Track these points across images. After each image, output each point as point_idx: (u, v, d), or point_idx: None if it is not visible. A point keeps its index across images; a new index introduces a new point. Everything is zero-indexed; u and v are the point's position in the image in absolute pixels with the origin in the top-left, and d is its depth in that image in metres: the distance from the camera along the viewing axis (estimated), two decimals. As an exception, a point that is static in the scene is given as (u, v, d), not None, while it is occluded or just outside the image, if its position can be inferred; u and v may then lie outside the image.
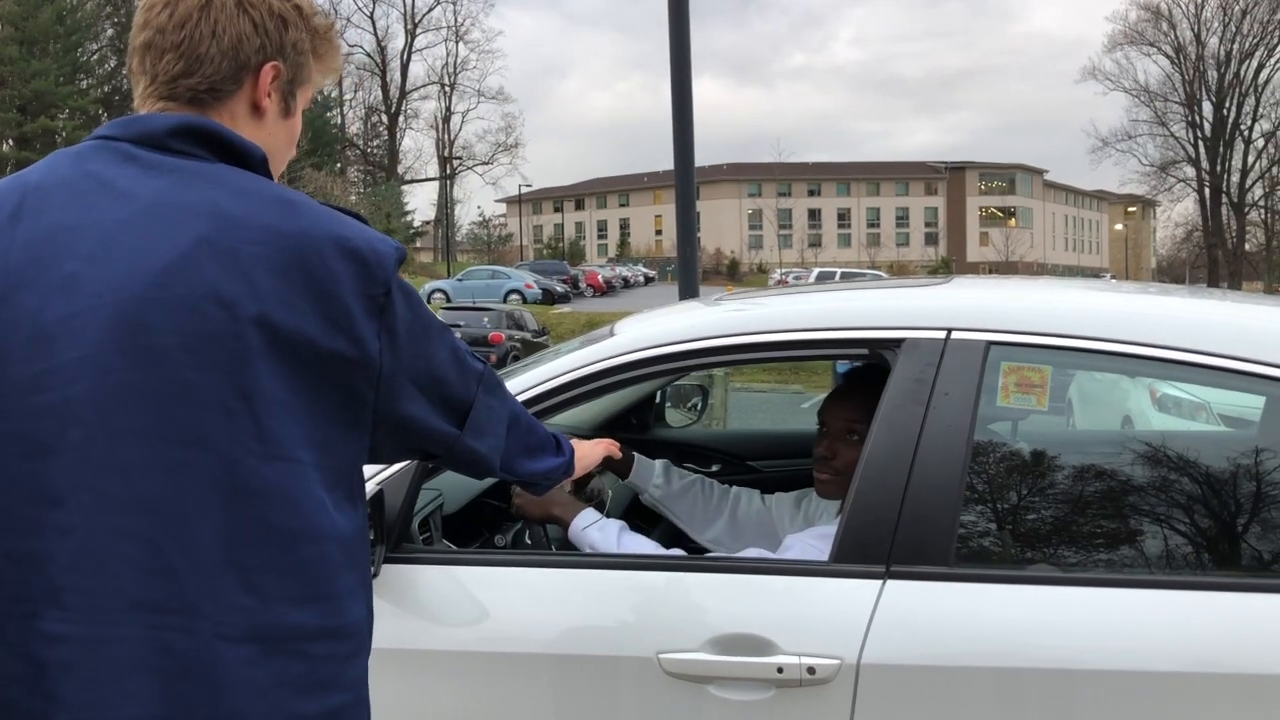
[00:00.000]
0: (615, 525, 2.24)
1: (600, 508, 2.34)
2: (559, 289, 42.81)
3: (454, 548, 2.29)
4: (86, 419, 1.15)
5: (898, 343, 1.98)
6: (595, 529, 2.21)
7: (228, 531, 1.17)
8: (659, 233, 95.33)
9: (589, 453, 2.00)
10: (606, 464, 2.73)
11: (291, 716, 1.20)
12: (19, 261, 1.19)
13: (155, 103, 1.31)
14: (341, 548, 1.25)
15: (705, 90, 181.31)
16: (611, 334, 2.25)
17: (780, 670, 1.79)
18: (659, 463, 2.68)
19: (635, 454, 2.71)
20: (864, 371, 2.45)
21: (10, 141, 63.68)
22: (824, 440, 2.38)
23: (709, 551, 2.55)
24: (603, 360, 2.10)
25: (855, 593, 1.83)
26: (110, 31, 70.91)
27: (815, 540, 2.10)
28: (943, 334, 1.96)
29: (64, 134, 63.23)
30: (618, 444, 2.29)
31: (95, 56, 71.05)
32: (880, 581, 1.83)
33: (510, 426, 1.51)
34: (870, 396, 2.00)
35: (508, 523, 2.47)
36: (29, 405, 1.16)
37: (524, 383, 2.09)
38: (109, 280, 1.17)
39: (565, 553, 2.24)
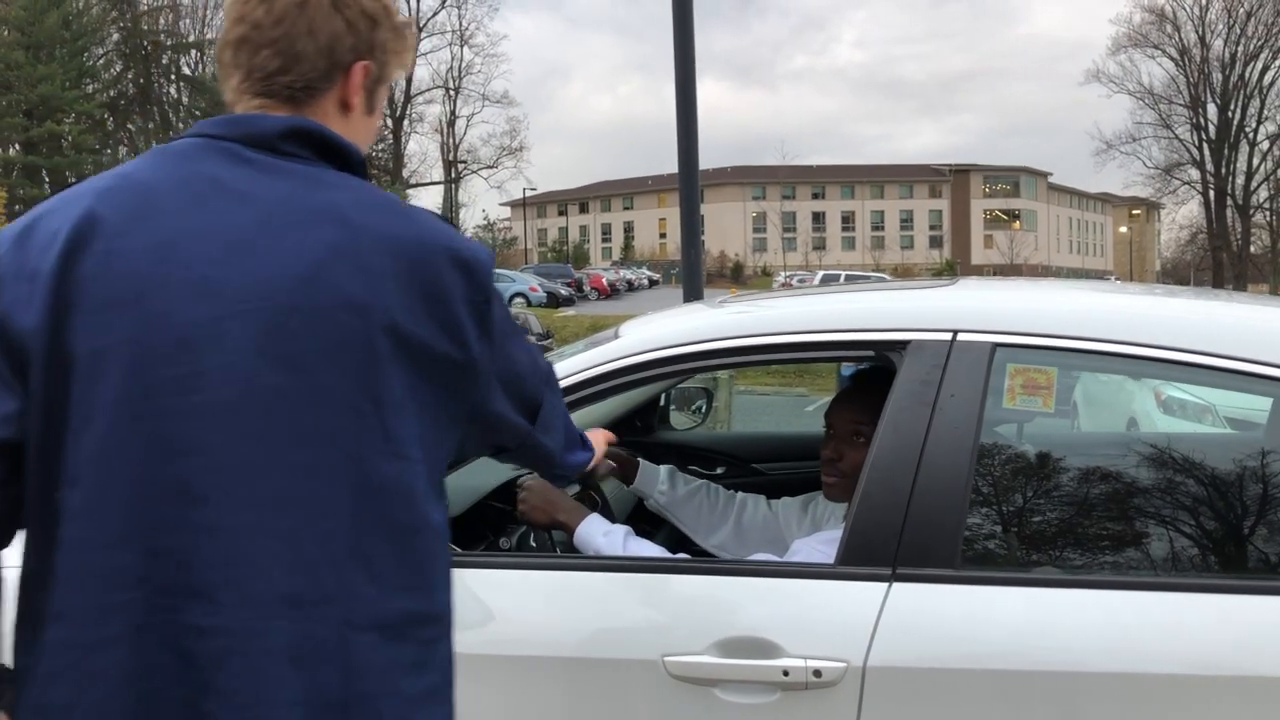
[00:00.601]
0: (621, 530, 2.23)
1: (599, 504, 2.35)
2: (563, 292, 42.77)
3: (458, 550, 2.28)
4: (230, 421, 1.19)
5: (903, 344, 1.97)
6: (600, 533, 2.21)
7: (355, 526, 1.23)
8: (663, 235, 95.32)
9: (597, 443, 2.06)
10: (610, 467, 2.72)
11: (402, 697, 1.27)
12: (148, 264, 1.21)
13: (251, 99, 1.33)
14: (439, 538, 1.33)
15: (707, 93, 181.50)
16: (616, 336, 2.25)
17: (786, 673, 1.79)
18: (664, 468, 2.68)
19: (640, 459, 2.70)
20: (871, 373, 2.44)
21: (17, 146, 63.82)
22: (830, 442, 2.37)
23: (713, 556, 2.54)
24: (608, 362, 2.09)
25: (861, 595, 1.83)
26: (116, 36, 71.13)
27: (822, 545, 2.09)
28: (948, 335, 1.96)
29: (70, 138, 63.36)
30: (610, 433, 2.34)
31: (101, 61, 71.20)
32: (886, 584, 1.83)
33: (565, 422, 1.63)
34: (877, 398, 2.00)
35: (512, 525, 2.46)
36: (172, 407, 1.19)
37: (529, 385, 2.08)
38: (247, 286, 1.21)
39: (570, 555, 2.24)
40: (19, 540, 1.28)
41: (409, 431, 1.27)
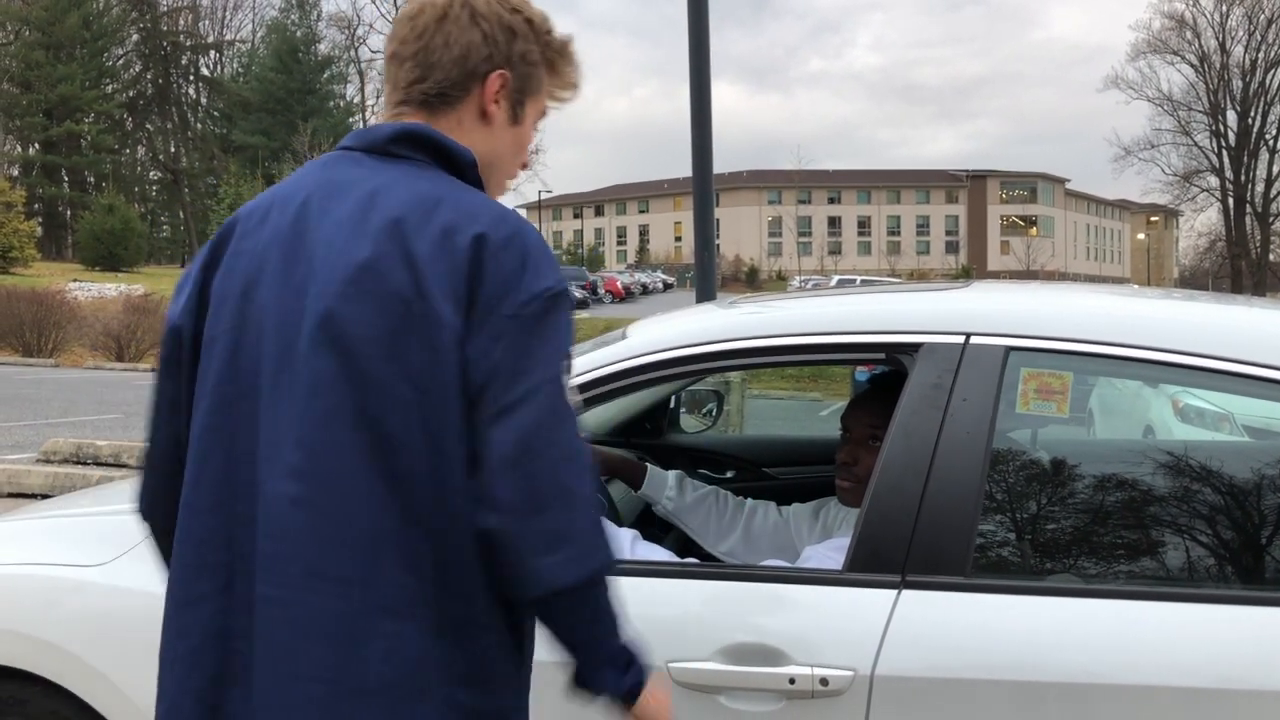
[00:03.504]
0: (628, 534, 2.21)
1: (605, 507, 2.30)
2: (578, 295, 42.82)
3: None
4: (287, 401, 1.27)
5: (915, 347, 1.94)
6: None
7: (388, 512, 1.25)
8: (678, 239, 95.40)
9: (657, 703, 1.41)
10: (618, 474, 2.70)
11: (447, 701, 1.26)
12: (258, 261, 1.34)
13: (393, 109, 1.44)
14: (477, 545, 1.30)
15: (723, 96, 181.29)
16: (624, 337, 2.22)
17: (792, 681, 1.76)
18: (672, 474, 2.65)
19: (649, 464, 2.67)
20: (889, 377, 2.41)
21: (37, 145, 64.30)
22: (846, 446, 2.34)
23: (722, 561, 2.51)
24: (615, 363, 2.07)
25: (870, 602, 1.80)
26: (136, 37, 71.59)
27: (833, 552, 2.06)
28: (961, 339, 1.92)
29: (89, 137, 63.83)
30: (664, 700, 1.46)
31: (121, 61, 71.73)
32: (895, 591, 1.80)
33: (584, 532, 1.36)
34: (894, 403, 1.97)
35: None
36: (251, 387, 1.31)
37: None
38: (318, 277, 1.29)
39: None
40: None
41: (452, 424, 1.26)
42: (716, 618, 1.86)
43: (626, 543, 2.17)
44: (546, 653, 1.35)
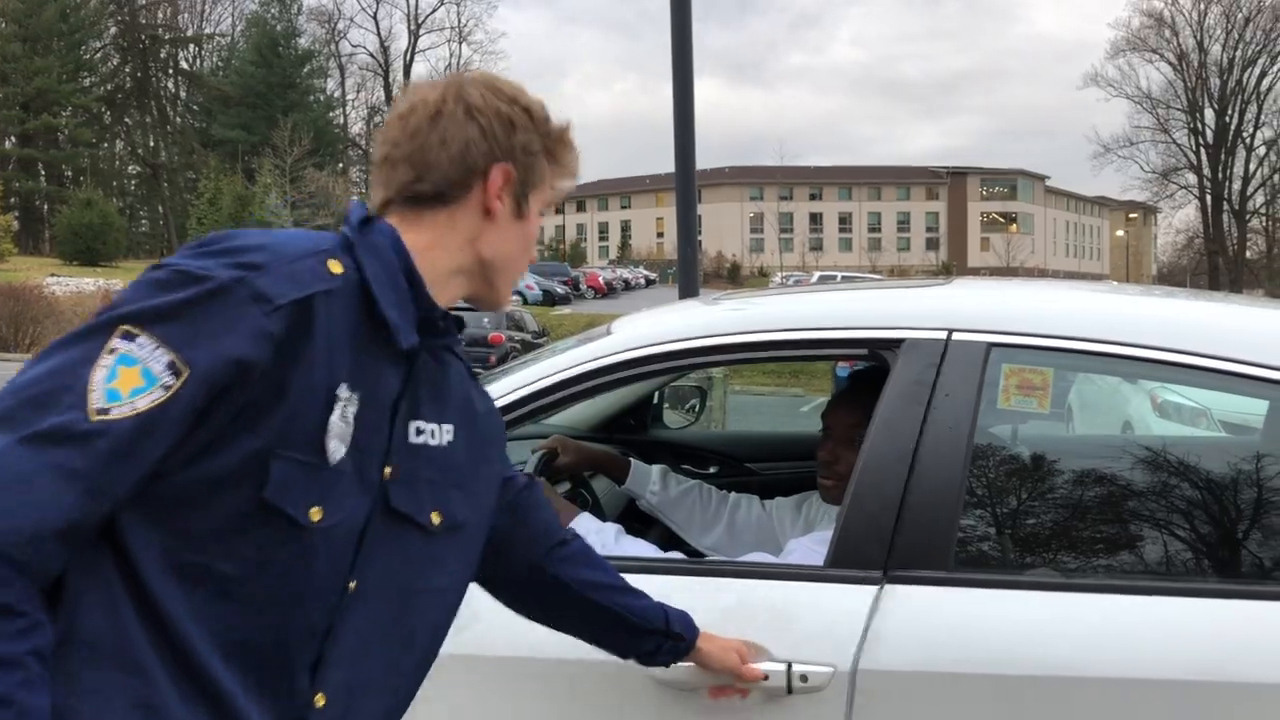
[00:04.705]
0: (612, 528, 2.21)
1: (589, 502, 2.31)
2: (560, 291, 42.80)
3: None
4: None
5: (897, 343, 1.95)
6: (591, 531, 2.18)
7: None
8: (660, 235, 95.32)
9: None
10: (602, 469, 2.70)
11: None
12: None
13: (379, 209, 1.34)
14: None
15: (703, 91, 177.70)
16: (608, 333, 2.22)
17: (768, 678, 1.76)
18: (656, 468, 2.65)
19: (632, 459, 2.68)
20: (869, 374, 2.42)
21: (13, 139, 63.74)
22: (827, 444, 2.34)
23: (706, 556, 2.52)
24: (599, 359, 2.07)
25: (851, 598, 1.80)
26: (114, 30, 71.01)
27: (817, 545, 2.07)
28: (943, 335, 1.93)
29: (66, 131, 63.32)
30: None
31: (99, 54, 71.15)
32: (877, 586, 1.80)
33: None
34: (875, 400, 1.97)
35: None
36: None
37: (519, 381, 2.06)
38: None
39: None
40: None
41: None
42: (696, 613, 1.86)
43: (610, 537, 2.17)
44: (550, 650, 1.35)
